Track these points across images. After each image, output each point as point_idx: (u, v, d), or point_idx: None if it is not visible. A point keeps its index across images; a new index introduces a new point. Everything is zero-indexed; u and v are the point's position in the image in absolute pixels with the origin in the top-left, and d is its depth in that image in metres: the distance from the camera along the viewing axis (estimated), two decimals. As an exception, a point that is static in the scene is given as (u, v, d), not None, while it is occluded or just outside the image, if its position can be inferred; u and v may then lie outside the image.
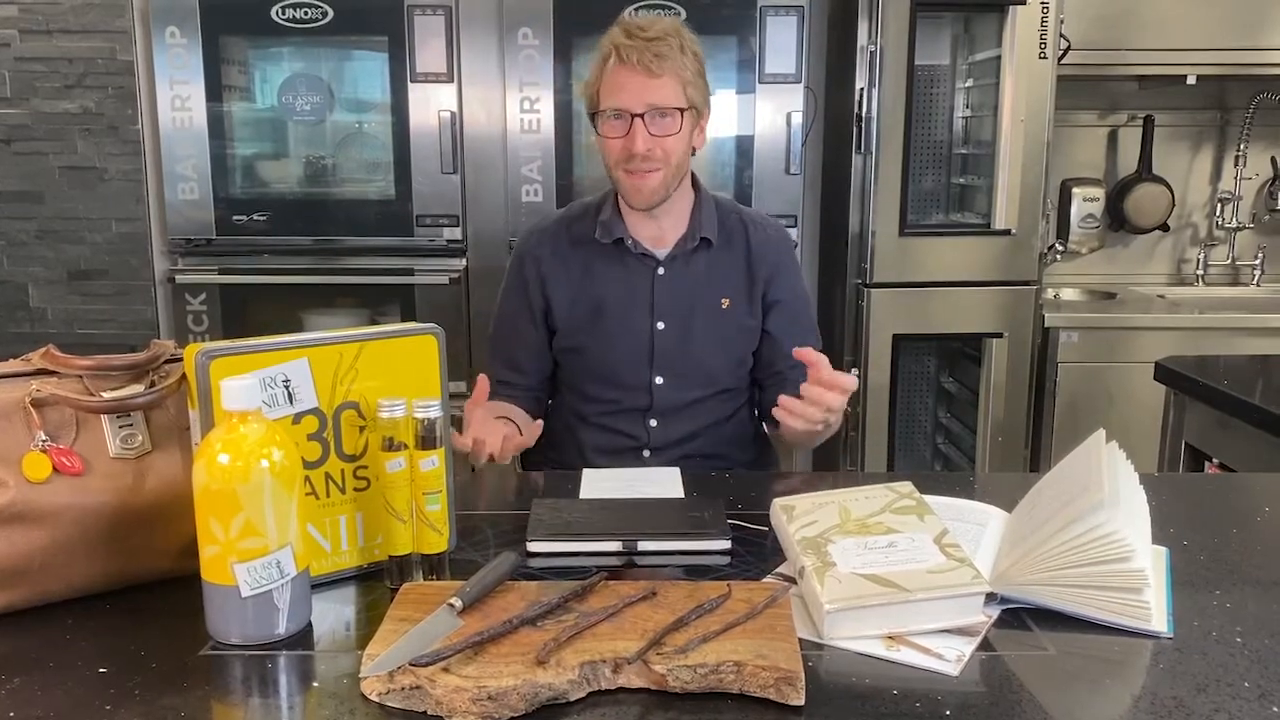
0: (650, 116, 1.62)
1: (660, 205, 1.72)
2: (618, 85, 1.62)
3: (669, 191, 1.70)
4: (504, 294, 1.84)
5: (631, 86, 1.61)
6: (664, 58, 1.60)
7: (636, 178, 1.66)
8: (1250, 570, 1.19)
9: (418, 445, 1.10)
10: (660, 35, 1.61)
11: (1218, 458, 2.20)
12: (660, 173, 1.66)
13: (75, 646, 1.00)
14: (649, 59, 1.59)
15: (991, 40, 3.04)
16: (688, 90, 1.64)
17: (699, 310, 1.75)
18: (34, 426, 1.04)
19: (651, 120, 1.62)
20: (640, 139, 1.62)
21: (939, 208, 3.40)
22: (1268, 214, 3.62)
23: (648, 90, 1.61)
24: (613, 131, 1.64)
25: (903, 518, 1.16)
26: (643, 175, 1.65)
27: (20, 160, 3.16)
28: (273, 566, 0.98)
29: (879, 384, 3.10)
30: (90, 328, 3.25)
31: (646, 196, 1.68)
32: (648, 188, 1.67)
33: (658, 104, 1.62)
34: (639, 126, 1.61)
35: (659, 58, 1.60)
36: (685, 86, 1.64)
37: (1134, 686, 0.95)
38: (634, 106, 1.61)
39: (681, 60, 1.62)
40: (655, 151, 1.63)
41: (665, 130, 1.63)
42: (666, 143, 1.64)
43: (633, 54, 1.60)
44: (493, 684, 0.87)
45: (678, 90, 1.63)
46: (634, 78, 1.61)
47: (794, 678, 0.88)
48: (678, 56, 1.62)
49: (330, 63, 3.08)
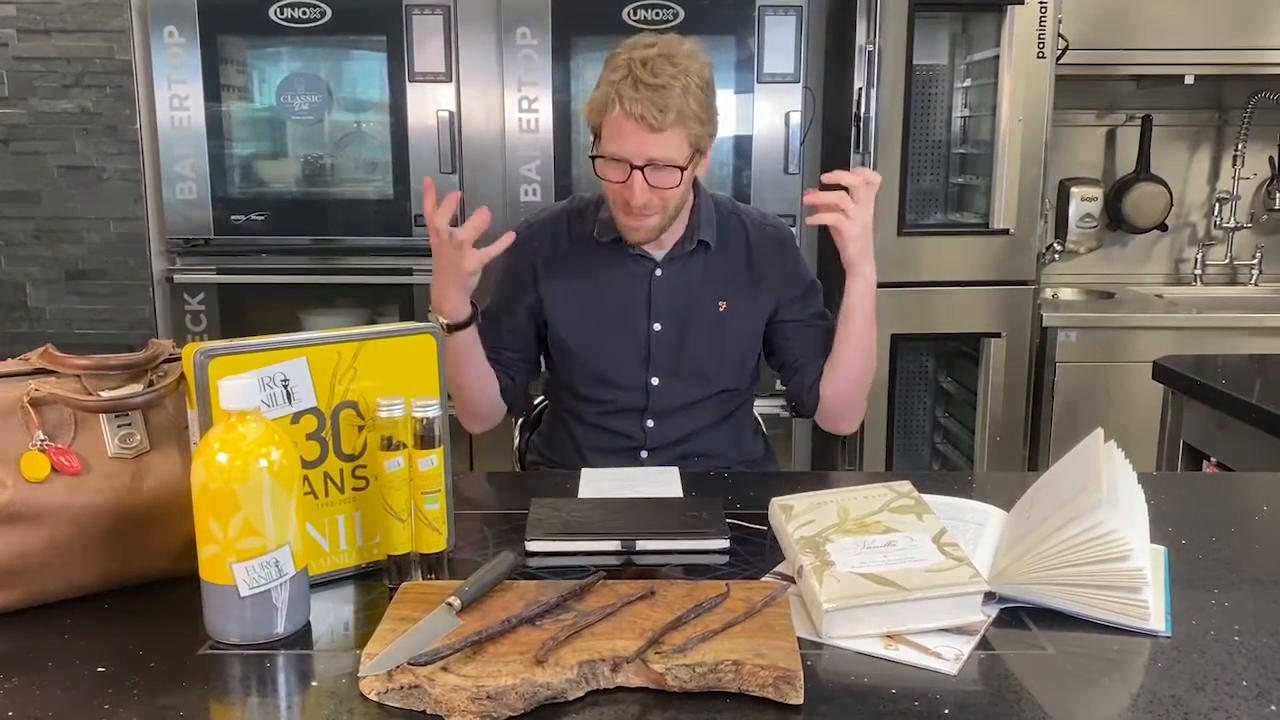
0: (650, 170, 1.58)
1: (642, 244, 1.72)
2: (619, 133, 1.57)
3: (663, 230, 1.69)
4: (500, 279, 1.81)
5: (633, 140, 1.56)
6: (668, 111, 1.53)
7: (634, 218, 1.64)
8: (1248, 569, 1.19)
9: (416, 445, 1.10)
10: (666, 84, 1.54)
11: (1215, 457, 2.20)
12: (657, 218, 1.64)
13: (74, 646, 1.00)
14: (653, 113, 1.53)
15: (990, 40, 3.04)
16: (691, 136, 1.59)
17: (696, 312, 1.75)
18: (32, 426, 1.04)
19: (652, 173, 1.58)
20: (639, 191, 1.58)
21: (937, 207, 3.41)
22: (1265, 214, 3.62)
23: (649, 145, 1.56)
24: (612, 176, 1.61)
25: (901, 517, 1.16)
26: (640, 218, 1.64)
27: (18, 160, 3.15)
28: (271, 566, 0.98)
29: (877, 383, 3.06)
30: (88, 327, 3.25)
31: (642, 236, 1.68)
32: (644, 229, 1.66)
33: (658, 159, 1.57)
34: (638, 179, 1.57)
35: (663, 112, 1.53)
36: (688, 135, 1.58)
37: (1132, 685, 0.95)
38: (634, 159, 1.57)
39: (685, 102, 1.55)
40: (654, 202, 1.61)
41: (664, 183, 1.59)
42: (665, 194, 1.61)
43: (636, 106, 1.53)
44: (491, 683, 0.87)
45: (680, 143, 1.58)
46: (637, 131, 1.55)
47: (792, 677, 0.88)
48: (683, 102, 1.55)
49: (328, 62, 3.07)
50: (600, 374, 1.76)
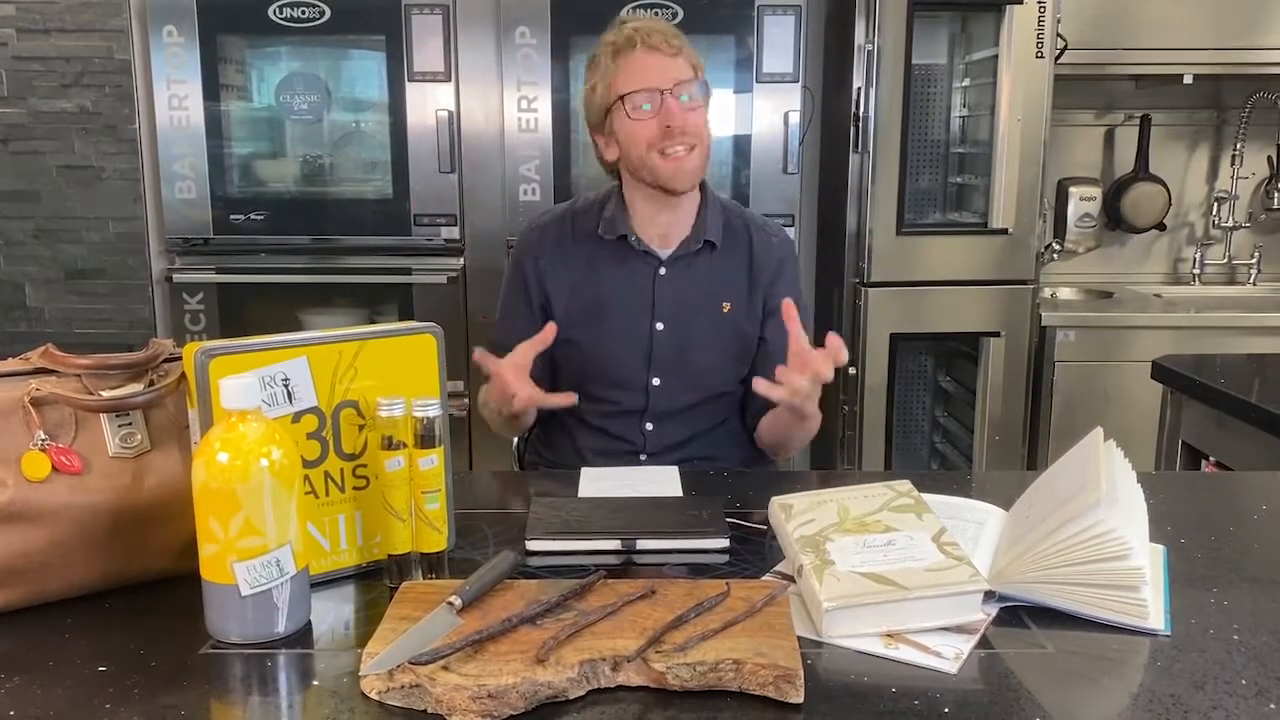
0: (680, 92, 1.64)
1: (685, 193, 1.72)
2: (641, 68, 1.64)
3: (704, 172, 1.72)
4: (505, 287, 1.83)
5: (657, 65, 1.64)
6: (679, 40, 1.67)
7: (674, 160, 1.65)
8: (1247, 568, 1.19)
9: (417, 444, 1.10)
10: (666, 25, 1.68)
11: (1214, 456, 2.21)
12: (697, 150, 1.67)
13: (74, 645, 1.00)
14: (669, 39, 1.65)
15: (989, 40, 3.04)
16: (699, 72, 1.69)
17: (699, 313, 1.75)
18: (33, 425, 1.04)
19: (680, 96, 1.64)
20: (675, 112, 1.63)
21: (936, 207, 3.41)
22: (1264, 213, 3.62)
23: (673, 67, 1.65)
24: (642, 115, 1.64)
25: (901, 516, 1.16)
26: (680, 158, 1.65)
27: (17, 159, 3.15)
28: (272, 565, 0.98)
29: (876, 383, 3.11)
30: (87, 327, 3.25)
31: (688, 176, 1.68)
32: (688, 167, 1.67)
33: (683, 76, 1.65)
34: (670, 101, 1.63)
35: (677, 38, 1.66)
36: (696, 69, 1.69)
37: (1132, 684, 0.95)
38: (663, 83, 1.63)
39: (689, 47, 1.69)
40: (689, 125, 1.65)
41: (694, 105, 1.66)
42: (696, 118, 1.66)
43: (652, 36, 1.64)
44: (492, 682, 0.87)
45: (694, 68, 1.68)
46: (658, 58, 1.64)
47: (793, 675, 0.89)
48: (687, 44, 1.68)
49: (328, 62, 3.08)
50: (601, 372, 1.75)
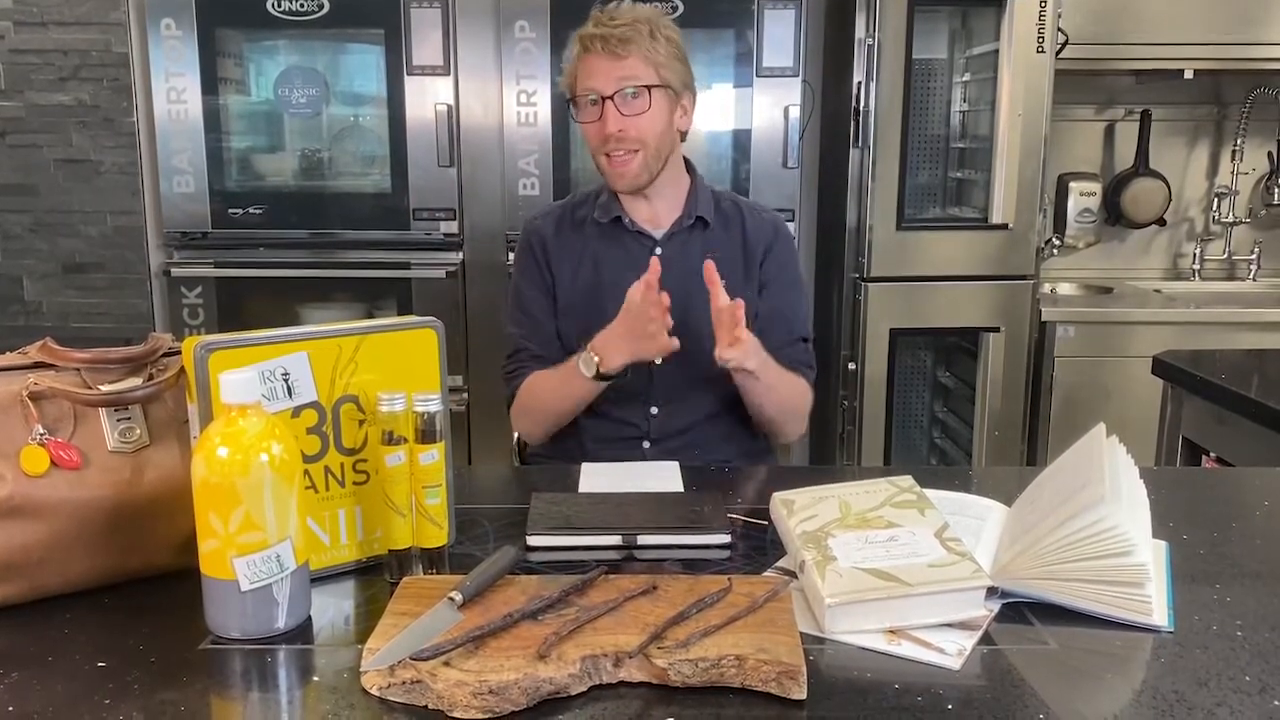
0: (620, 98, 1.67)
1: (647, 187, 1.76)
2: (588, 71, 1.69)
3: (651, 174, 1.75)
4: (519, 275, 1.86)
5: (599, 70, 1.67)
6: (629, 41, 1.66)
7: (616, 163, 1.71)
8: (1250, 564, 1.19)
9: (417, 439, 1.10)
10: (628, 22, 1.67)
11: (1215, 452, 2.20)
12: (639, 155, 1.71)
13: (74, 641, 0.99)
14: (614, 44, 1.66)
15: (989, 34, 3.04)
16: (660, 71, 1.69)
17: (697, 290, 1.76)
18: (31, 420, 1.04)
19: (622, 101, 1.67)
20: (612, 120, 1.67)
21: (936, 202, 3.40)
22: (1264, 209, 3.62)
23: (616, 70, 1.67)
24: (588, 117, 1.70)
25: (903, 512, 1.16)
26: (622, 161, 1.71)
27: (15, 153, 3.15)
28: (272, 560, 0.98)
29: (876, 378, 3.10)
30: (85, 321, 3.25)
31: (628, 180, 1.73)
32: (629, 172, 1.72)
33: (625, 81, 1.67)
34: (609, 108, 1.67)
35: (624, 42, 1.66)
36: (656, 68, 1.68)
37: (1135, 680, 0.95)
38: (603, 88, 1.67)
39: (651, 45, 1.67)
40: (629, 132, 1.68)
41: (636, 110, 1.68)
42: (639, 122, 1.68)
43: (598, 42, 1.66)
44: (494, 678, 0.86)
45: (647, 70, 1.68)
46: (601, 62, 1.67)
47: (795, 671, 0.88)
48: (645, 41, 1.67)
49: (326, 56, 3.07)
50: None
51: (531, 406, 1.78)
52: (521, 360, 1.81)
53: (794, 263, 1.89)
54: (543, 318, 1.82)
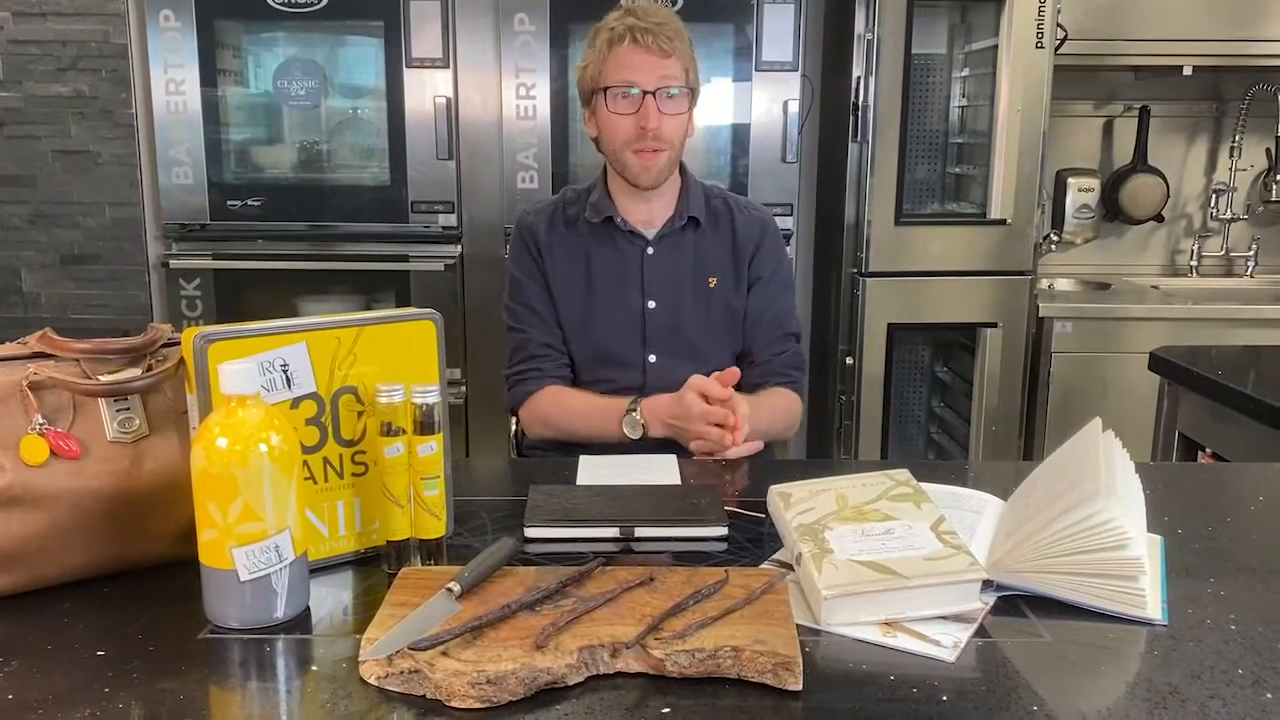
0: (662, 95, 1.67)
1: (660, 186, 1.77)
2: (629, 64, 1.67)
3: (671, 174, 1.76)
4: (515, 268, 1.86)
5: (644, 65, 1.66)
6: (674, 39, 1.67)
7: (645, 157, 1.71)
8: (1244, 559, 1.19)
9: (416, 430, 1.10)
10: (667, 21, 1.69)
11: (1211, 447, 2.21)
12: (667, 153, 1.72)
13: (73, 630, 1.00)
14: (662, 40, 1.66)
15: (988, 29, 3.04)
16: (690, 76, 1.71)
17: (688, 289, 1.80)
18: (31, 410, 1.04)
19: (663, 99, 1.67)
20: (653, 115, 1.67)
21: (934, 197, 3.41)
22: (1262, 205, 3.62)
23: (661, 68, 1.67)
24: (622, 109, 1.69)
25: (900, 505, 1.16)
26: (651, 155, 1.71)
27: (13, 144, 3.14)
28: (271, 550, 0.98)
29: (873, 373, 3.11)
30: (83, 313, 3.24)
31: (655, 175, 1.73)
32: (656, 167, 1.72)
33: (669, 80, 1.67)
34: (650, 103, 1.67)
35: (670, 39, 1.67)
36: (690, 71, 1.70)
37: (1129, 673, 0.95)
38: (647, 84, 1.66)
39: (687, 49, 1.70)
40: (664, 130, 1.69)
41: (674, 110, 1.69)
42: (675, 122, 1.70)
43: (647, 35, 1.65)
44: (491, 668, 0.87)
45: (684, 71, 1.69)
46: (647, 57, 1.66)
47: (791, 663, 0.89)
48: (684, 44, 1.69)
49: (325, 47, 3.06)
50: (598, 353, 1.79)
51: (557, 424, 1.77)
52: (528, 360, 1.81)
53: (783, 260, 1.90)
54: (544, 308, 1.82)
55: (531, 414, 1.80)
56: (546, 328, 1.82)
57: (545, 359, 1.80)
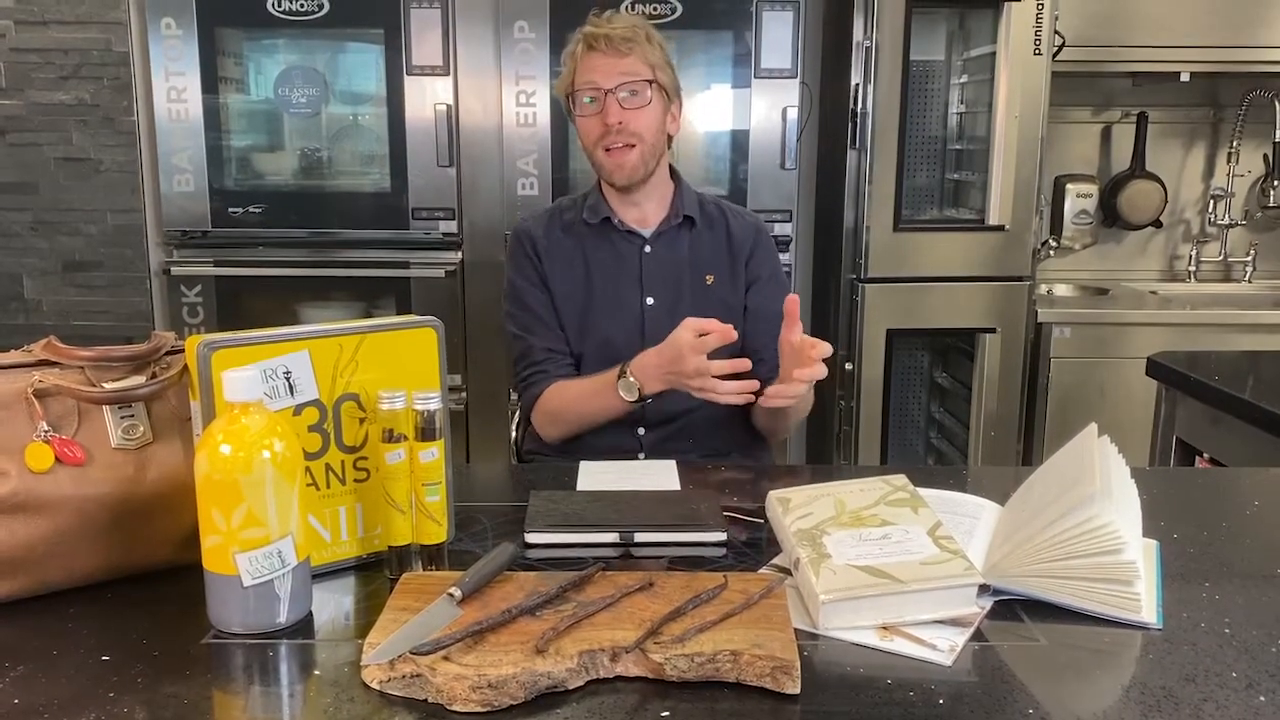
0: (621, 92, 1.73)
1: (641, 187, 1.81)
2: (589, 67, 1.75)
3: (647, 170, 1.79)
4: (515, 274, 1.87)
5: (602, 66, 1.74)
6: (631, 41, 1.74)
7: (615, 155, 1.76)
8: (1239, 563, 1.20)
9: (417, 437, 1.11)
10: (626, 26, 1.76)
11: (1208, 452, 2.22)
12: (637, 149, 1.76)
13: (77, 635, 1.00)
14: (617, 43, 1.73)
15: (986, 36, 3.05)
16: (656, 71, 1.76)
17: (686, 286, 1.83)
18: (36, 417, 1.05)
19: (623, 96, 1.73)
20: (613, 111, 1.73)
21: (933, 203, 3.42)
22: (1260, 211, 3.63)
23: (618, 67, 1.74)
24: (587, 111, 1.76)
25: (897, 510, 1.17)
26: (620, 152, 1.76)
27: (15, 151, 3.15)
28: (274, 556, 0.99)
29: (872, 378, 3.11)
30: (85, 319, 3.25)
31: (627, 173, 1.78)
32: (628, 164, 1.77)
33: (628, 77, 1.73)
34: (610, 101, 1.73)
35: (626, 40, 1.74)
36: (653, 68, 1.76)
37: (1124, 677, 0.96)
38: (605, 82, 1.73)
39: (648, 47, 1.75)
40: (629, 125, 1.74)
41: (635, 104, 1.74)
42: (639, 116, 1.74)
43: (601, 40, 1.73)
44: (492, 672, 0.88)
45: (645, 69, 1.75)
46: (605, 59, 1.74)
47: (790, 667, 0.90)
48: (644, 43, 1.75)
49: (326, 55, 3.07)
50: (599, 351, 1.79)
51: (564, 416, 1.78)
52: (532, 365, 1.82)
53: (777, 263, 1.94)
54: (545, 312, 1.83)
55: (542, 415, 1.81)
56: (549, 331, 1.83)
57: (549, 362, 1.81)
